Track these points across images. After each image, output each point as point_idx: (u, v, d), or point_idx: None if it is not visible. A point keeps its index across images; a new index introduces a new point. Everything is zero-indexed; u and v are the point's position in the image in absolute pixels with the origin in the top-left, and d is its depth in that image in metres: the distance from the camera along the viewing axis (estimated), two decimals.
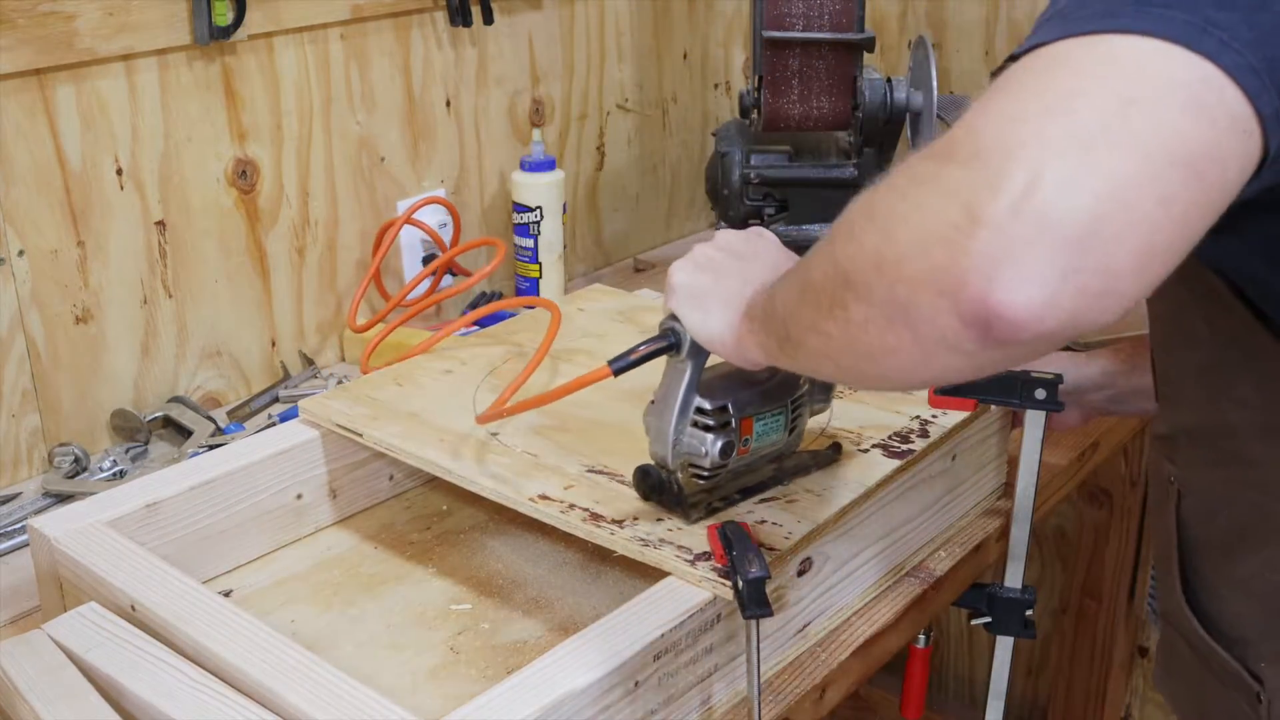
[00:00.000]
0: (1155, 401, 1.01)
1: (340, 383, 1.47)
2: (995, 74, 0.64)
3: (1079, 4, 0.64)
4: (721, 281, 0.91)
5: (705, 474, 0.98)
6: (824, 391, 1.06)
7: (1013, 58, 0.65)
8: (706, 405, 0.96)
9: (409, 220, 1.59)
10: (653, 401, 0.99)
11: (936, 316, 0.60)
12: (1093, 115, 0.58)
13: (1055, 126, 0.58)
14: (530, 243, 1.70)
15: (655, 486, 0.99)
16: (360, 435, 1.12)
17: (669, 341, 0.94)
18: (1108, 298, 0.58)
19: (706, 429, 0.96)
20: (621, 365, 0.93)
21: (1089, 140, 0.57)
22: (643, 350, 0.94)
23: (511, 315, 1.53)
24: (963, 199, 0.58)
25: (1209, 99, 0.59)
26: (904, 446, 1.10)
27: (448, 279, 1.67)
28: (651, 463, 1.00)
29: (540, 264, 1.69)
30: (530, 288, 1.71)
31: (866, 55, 1.60)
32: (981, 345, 0.60)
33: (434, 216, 1.63)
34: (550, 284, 1.70)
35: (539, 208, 1.68)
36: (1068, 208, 0.56)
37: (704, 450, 0.96)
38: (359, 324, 1.52)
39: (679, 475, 0.98)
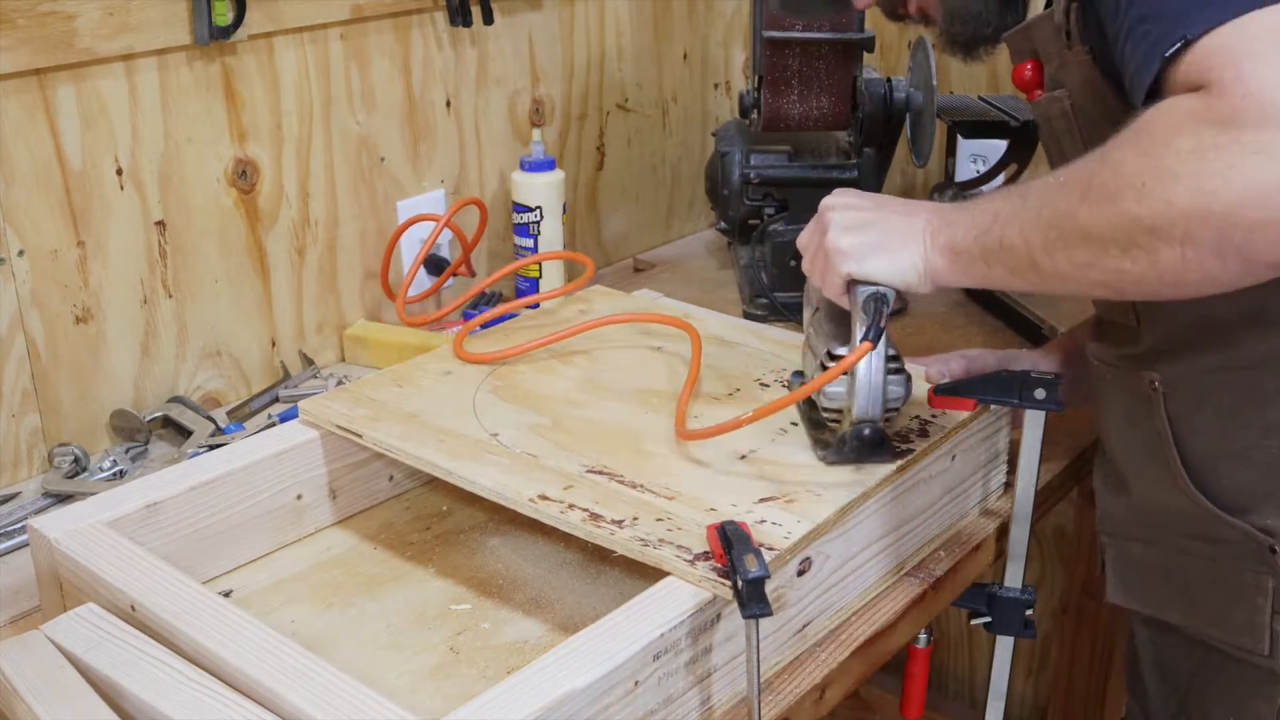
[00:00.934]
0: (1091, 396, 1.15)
1: (340, 383, 1.47)
2: (1167, 57, 0.82)
3: None
4: (886, 229, 1.02)
5: (895, 414, 1.08)
6: None
7: (1184, 41, 0.80)
8: (894, 352, 1.05)
9: (449, 224, 1.59)
10: (828, 365, 1.06)
11: (1273, 248, 0.77)
12: None
13: None
14: (530, 243, 1.70)
15: (874, 442, 1.05)
16: (360, 436, 1.12)
17: (888, 303, 1.02)
18: None
19: (897, 373, 1.05)
20: (876, 335, 1.00)
21: None
22: (882, 320, 1.01)
23: (513, 316, 1.53)
24: None
25: None
26: (904, 446, 1.10)
27: (448, 279, 1.67)
28: (848, 429, 1.05)
29: (540, 264, 1.69)
30: (530, 288, 1.71)
31: (866, 55, 1.60)
32: None
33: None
34: (550, 284, 1.70)
35: (538, 207, 1.68)
36: None
37: (903, 393, 1.06)
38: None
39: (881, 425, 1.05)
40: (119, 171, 1.32)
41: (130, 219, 1.35)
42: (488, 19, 1.65)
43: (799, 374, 1.22)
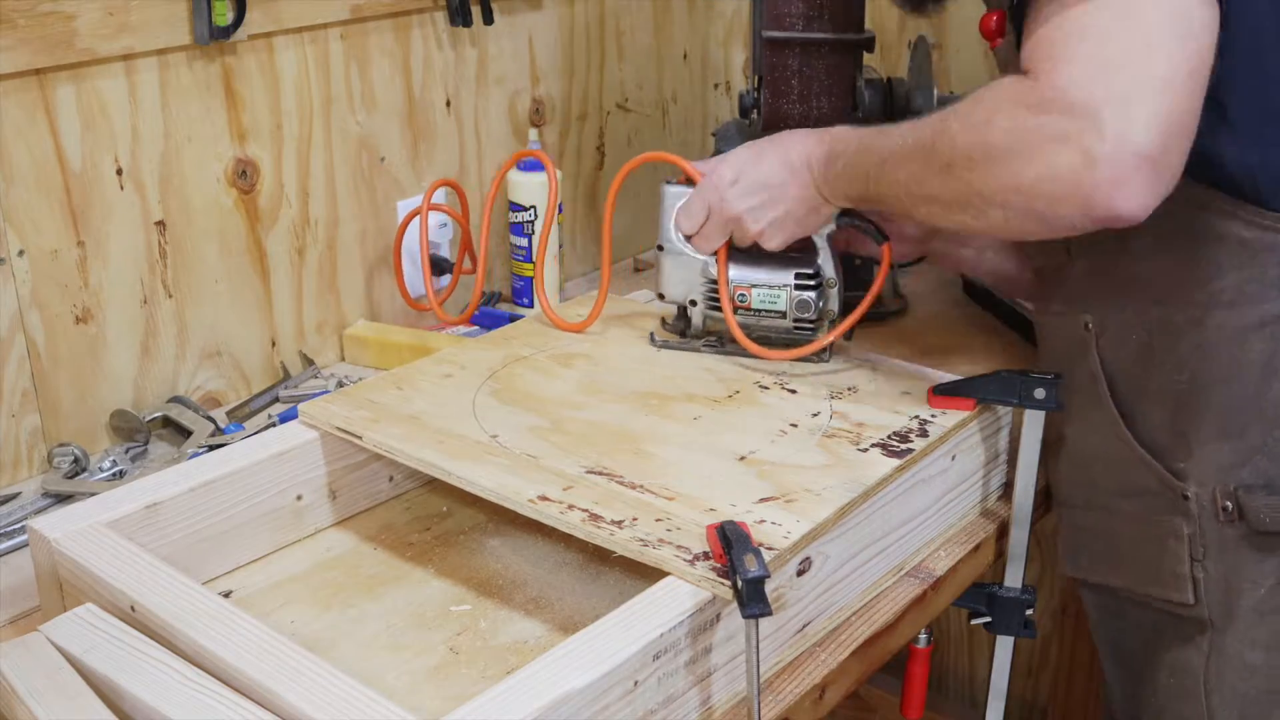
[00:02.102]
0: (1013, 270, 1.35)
1: (340, 383, 1.47)
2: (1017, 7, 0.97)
3: None
4: (793, 212, 1.21)
5: None
6: None
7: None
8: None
9: (430, 209, 1.59)
10: (824, 280, 1.27)
11: (1071, 217, 0.92)
12: (1139, 67, 0.88)
13: (1119, 81, 0.88)
14: (525, 242, 1.70)
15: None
16: (360, 438, 1.12)
17: (877, 233, 1.25)
18: (1176, 176, 0.90)
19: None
20: (883, 235, 1.25)
21: (1144, 86, 0.88)
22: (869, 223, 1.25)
23: (509, 315, 1.53)
24: (1075, 145, 0.89)
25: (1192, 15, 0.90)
26: (903, 446, 1.10)
27: (447, 279, 1.67)
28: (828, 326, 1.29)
29: (535, 263, 1.69)
30: (525, 287, 1.71)
31: (866, 55, 1.60)
32: (1097, 227, 0.92)
33: (434, 218, 1.63)
34: (546, 285, 1.70)
35: (533, 207, 1.68)
36: (1149, 140, 0.88)
37: None
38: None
39: None
40: (119, 171, 1.32)
41: (130, 219, 1.34)
42: (488, 19, 1.65)
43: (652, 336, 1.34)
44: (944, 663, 2.26)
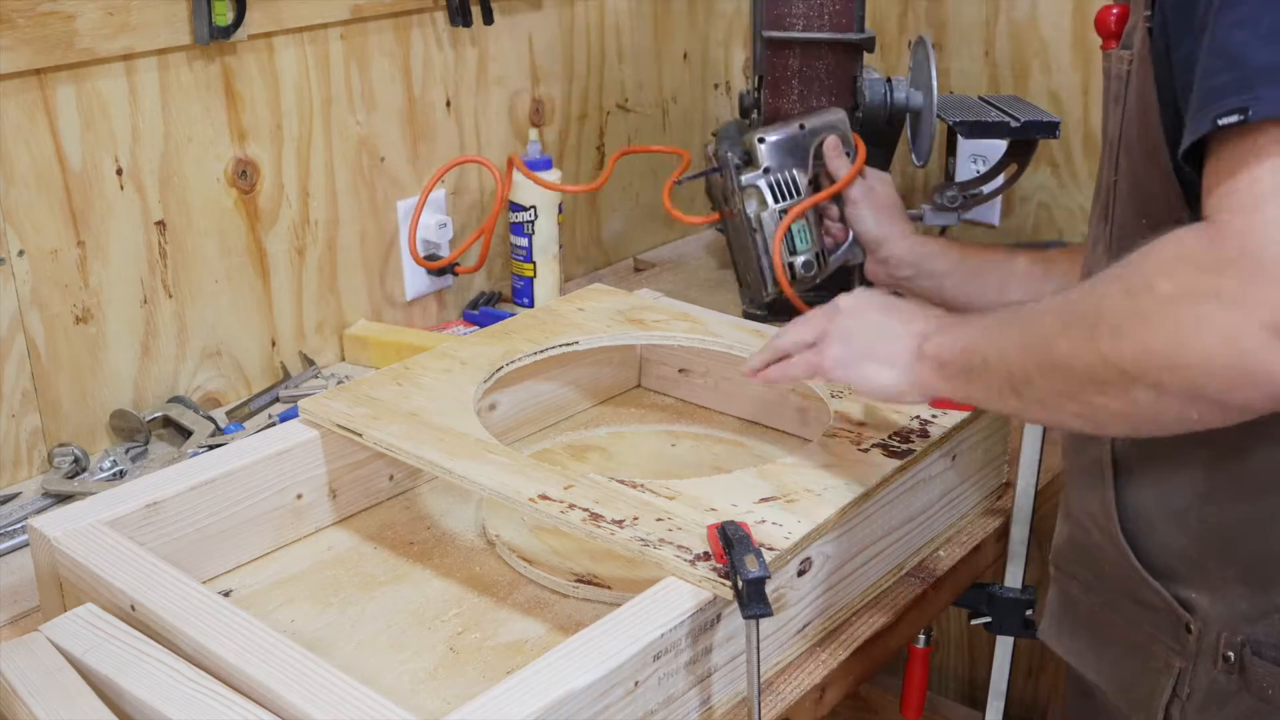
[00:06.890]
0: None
1: (340, 383, 1.47)
2: (1217, 125, 0.74)
3: None
4: (878, 334, 1.02)
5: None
6: None
7: (1241, 118, 0.73)
8: None
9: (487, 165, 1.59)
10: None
11: (1250, 403, 0.74)
12: None
13: None
14: (525, 242, 1.70)
15: None
16: (360, 435, 1.12)
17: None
18: None
19: None
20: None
21: None
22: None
23: (509, 315, 1.53)
24: (1258, 317, 0.71)
25: None
26: (904, 446, 1.10)
27: (447, 279, 1.67)
28: None
29: (535, 263, 1.69)
30: (525, 287, 1.71)
31: (866, 55, 1.60)
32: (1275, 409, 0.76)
33: (433, 216, 1.63)
34: (545, 283, 1.70)
35: (533, 207, 1.68)
36: None
37: None
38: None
39: None
40: (119, 171, 1.32)
41: (130, 219, 1.34)
42: (488, 19, 1.65)
43: None
44: (944, 663, 2.26)
